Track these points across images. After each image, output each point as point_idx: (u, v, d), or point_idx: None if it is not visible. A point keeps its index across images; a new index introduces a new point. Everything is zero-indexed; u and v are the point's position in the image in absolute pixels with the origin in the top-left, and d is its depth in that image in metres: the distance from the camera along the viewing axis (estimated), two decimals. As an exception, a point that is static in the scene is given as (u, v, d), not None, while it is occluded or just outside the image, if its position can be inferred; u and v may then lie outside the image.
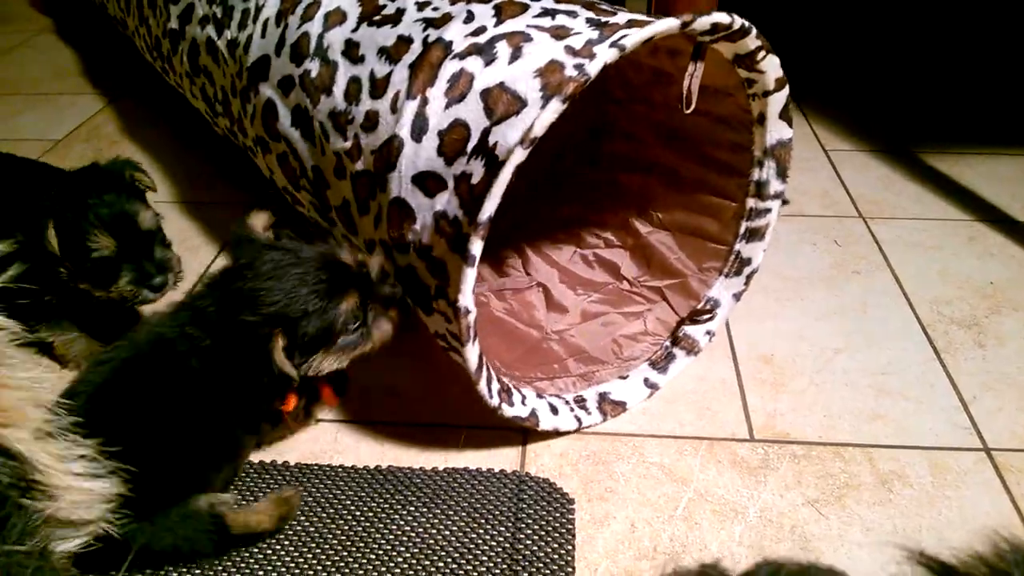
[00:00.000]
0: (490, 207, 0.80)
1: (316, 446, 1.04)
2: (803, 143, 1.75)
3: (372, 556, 0.89)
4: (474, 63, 0.86)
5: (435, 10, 0.95)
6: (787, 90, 1.00)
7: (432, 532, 0.92)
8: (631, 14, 0.88)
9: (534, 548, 0.89)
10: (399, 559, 0.89)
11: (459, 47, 0.88)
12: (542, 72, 0.82)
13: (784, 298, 1.29)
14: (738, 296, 1.16)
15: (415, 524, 0.93)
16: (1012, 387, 1.11)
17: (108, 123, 1.93)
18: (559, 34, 0.85)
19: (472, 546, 0.90)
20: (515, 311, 1.23)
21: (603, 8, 0.91)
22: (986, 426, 1.04)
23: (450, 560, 0.88)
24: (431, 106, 0.88)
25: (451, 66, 0.88)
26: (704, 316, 1.16)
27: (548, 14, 0.89)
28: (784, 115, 1.03)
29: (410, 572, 0.87)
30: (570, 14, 0.89)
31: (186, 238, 1.47)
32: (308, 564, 0.88)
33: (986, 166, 1.65)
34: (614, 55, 0.79)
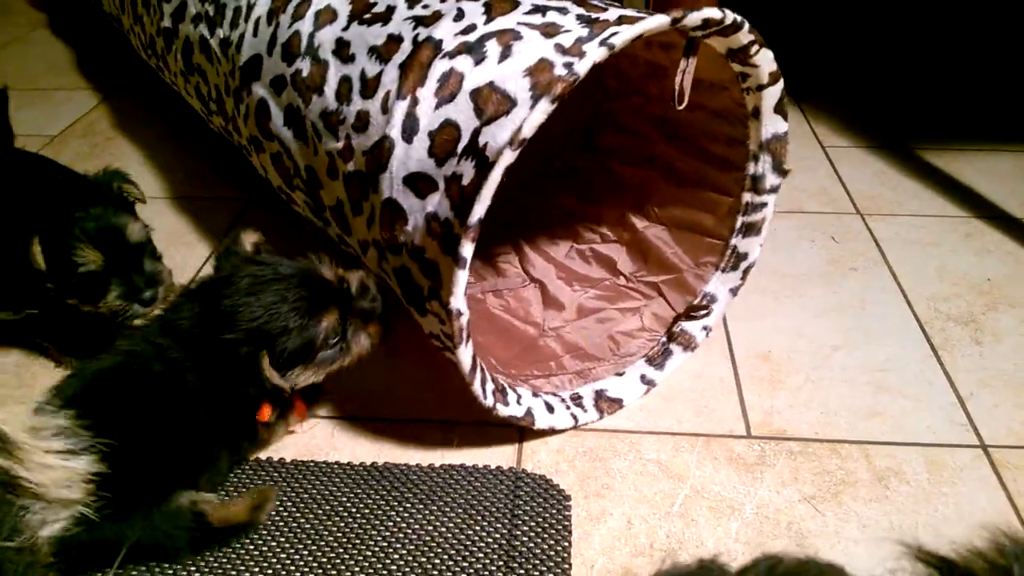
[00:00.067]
0: (480, 209, 0.79)
1: (312, 442, 1.04)
2: (801, 140, 1.75)
3: (368, 553, 0.89)
4: (464, 62, 0.86)
5: (425, 7, 0.94)
6: (782, 84, 1.00)
7: (428, 529, 0.91)
8: (623, 9, 0.88)
9: (530, 544, 0.89)
10: (395, 556, 0.88)
11: (449, 46, 0.87)
12: (532, 71, 0.81)
13: (782, 295, 1.29)
14: (735, 291, 1.16)
15: (411, 521, 0.92)
16: (1009, 384, 1.11)
17: (103, 119, 1.92)
18: (549, 32, 0.84)
19: (468, 543, 0.90)
20: (511, 308, 1.23)
21: (594, 4, 0.91)
22: (983, 422, 1.04)
23: (446, 557, 0.88)
24: (421, 106, 0.87)
25: (441, 65, 0.87)
26: (701, 312, 1.15)
27: (538, 11, 0.88)
28: (779, 109, 1.02)
29: (406, 569, 0.87)
30: (560, 11, 0.88)
31: (182, 234, 1.47)
32: (304, 561, 0.88)
33: (984, 162, 1.64)
34: (603, 54, 0.78)
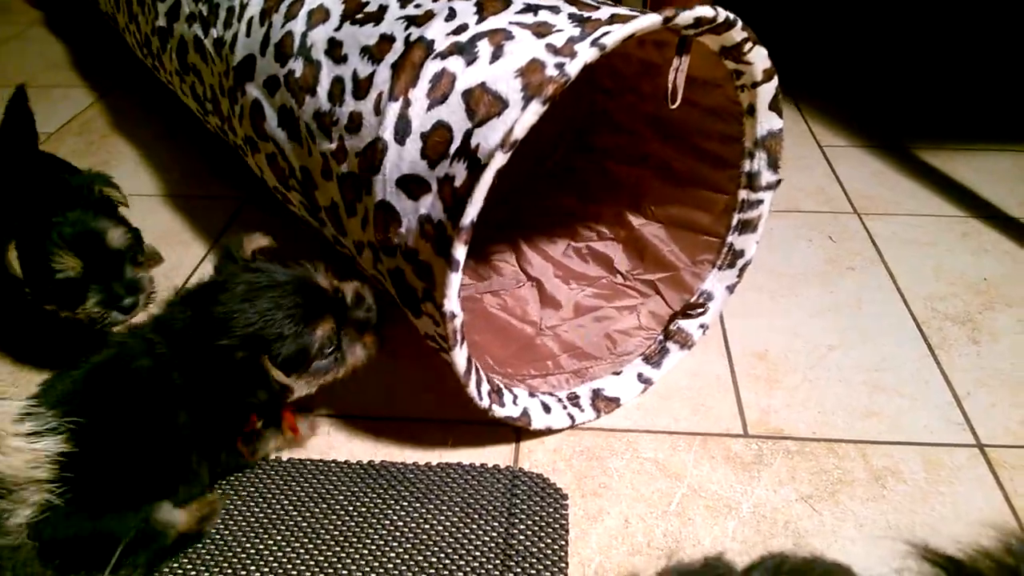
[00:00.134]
0: (472, 212, 0.79)
1: (309, 441, 1.04)
2: (798, 139, 1.75)
3: (365, 552, 0.89)
4: (456, 63, 0.85)
5: (417, 7, 0.93)
6: (776, 80, 0.99)
7: (425, 528, 0.91)
8: (615, 8, 0.87)
9: (527, 544, 0.89)
10: (392, 554, 0.88)
11: (441, 46, 0.87)
12: (523, 72, 0.81)
13: (778, 294, 1.29)
14: (731, 288, 1.16)
15: (408, 519, 0.92)
16: (1005, 383, 1.11)
17: (99, 117, 1.91)
18: (541, 31, 0.84)
19: (465, 541, 0.90)
20: (508, 307, 1.23)
21: (586, 3, 0.90)
22: (979, 422, 1.05)
23: (443, 556, 0.88)
24: (413, 108, 0.86)
25: (433, 66, 0.86)
26: (697, 310, 1.15)
27: (530, 10, 0.88)
28: (774, 106, 1.02)
29: (403, 567, 0.87)
30: (552, 9, 0.87)
31: (178, 232, 1.46)
32: (301, 560, 0.88)
33: (981, 162, 1.65)
34: (594, 54, 0.78)
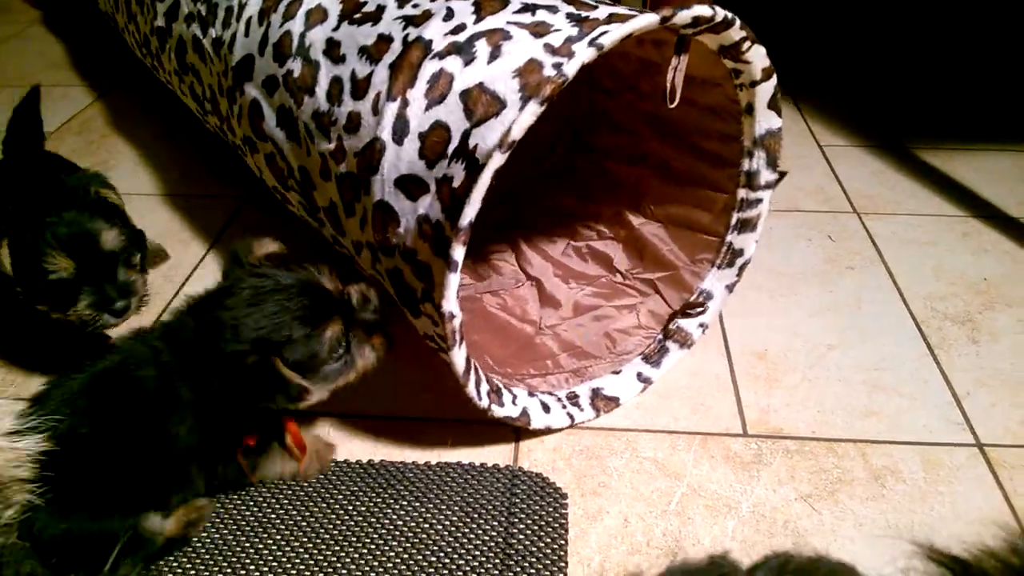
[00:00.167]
0: (470, 212, 0.78)
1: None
2: (798, 139, 1.75)
3: (364, 551, 0.89)
4: (454, 63, 0.85)
5: (415, 7, 0.93)
6: (775, 79, 0.99)
7: (424, 527, 0.91)
8: (613, 7, 0.87)
9: (527, 543, 0.89)
10: (391, 554, 0.88)
11: (439, 46, 0.87)
12: (521, 72, 0.81)
13: (778, 294, 1.29)
14: (731, 288, 1.16)
15: (407, 519, 0.92)
16: (1005, 383, 1.11)
17: (99, 116, 1.91)
18: (539, 31, 0.84)
19: (465, 541, 0.90)
20: (508, 306, 1.23)
21: (584, 2, 0.90)
22: (979, 422, 1.05)
23: (443, 555, 0.88)
24: (412, 108, 0.86)
25: (431, 66, 0.86)
26: (697, 309, 1.15)
27: (528, 9, 0.88)
28: (773, 105, 1.02)
29: (402, 567, 0.87)
30: (550, 9, 0.87)
31: (177, 231, 1.46)
32: (300, 559, 0.88)
33: (981, 162, 1.65)
34: (592, 54, 0.78)
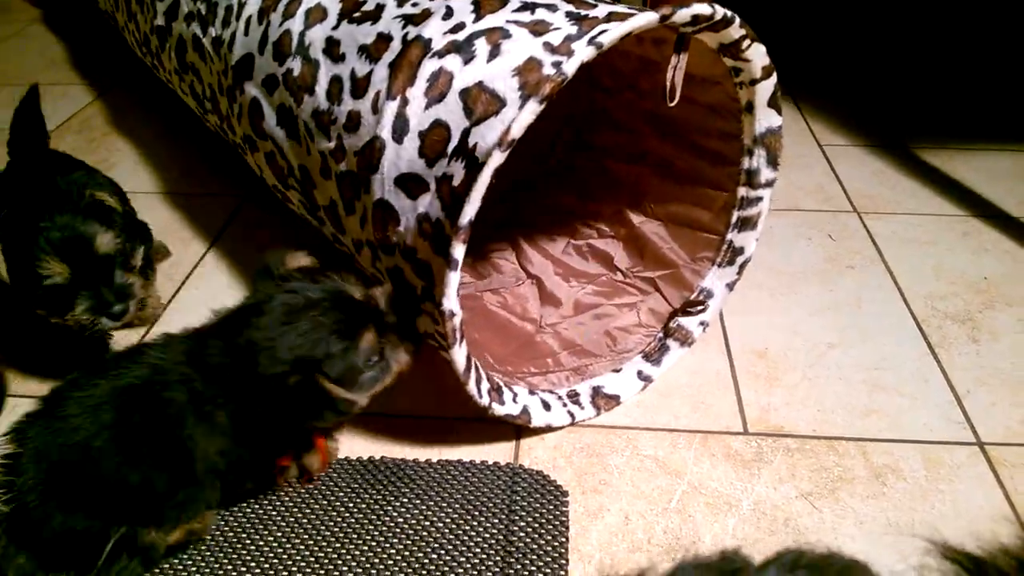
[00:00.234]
0: (470, 211, 0.79)
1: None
2: (798, 138, 1.75)
3: (365, 548, 0.89)
4: (453, 62, 0.85)
5: (415, 5, 0.93)
6: (775, 78, 0.99)
7: (425, 524, 0.91)
8: (613, 6, 0.87)
9: (527, 540, 0.89)
10: (392, 551, 0.88)
11: (438, 45, 0.87)
12: (520, 71, 0.81)
13: (778, 292, 1.29)
14: (731, 286, 1.16)
15: (408, 516, 0.92)
16: (1005, 382, 1.11)
17: (99, 115, 1.91)
18: (538, 30, 0.84)
19: (465, 538, 0.90)
20: (508, 305, 1.23)
21: (584, 0, 0.90)
22: (980, 420, 1.05)
23: (443, 552, 0.88)
24: (411, 106, 0.86)
25: (430, 65, 0.86)
26: (697, 307, 1.15)
27: (527, 8, 0.88)
28: (773, 103, 1.02)
29: (403, 563, 0.87)
30: (550, 7, 0.87)
31: (177, 229, 1.46)
32: (301, 555, 0.88)
33: (981, 162, 1.65)
34: (591, 53, 0.78)
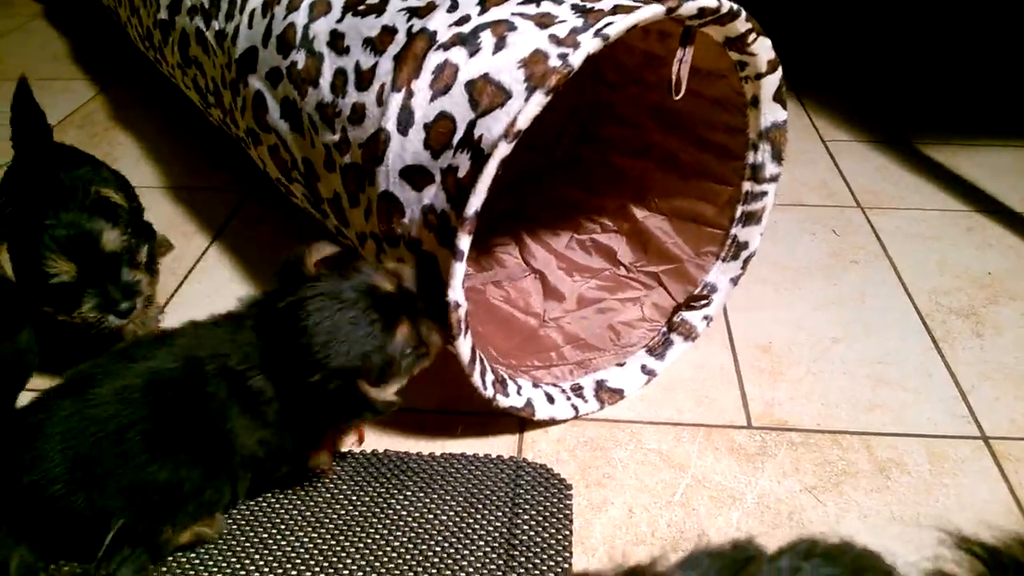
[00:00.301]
0: (476, 202, 0.79)
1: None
2: (801, 133, 1.75)
3: (368, 541, 0.88)
4: (458, 54, 0.85)
5: None
6: (780, 72, 0.99)
7: (429, 517, 0.91)
8: None
9: (531, 533, 0.89)
10: (395, 544, 0.88)
11: (443, 37, 0.87)
12: (526, 63, 0.81)
13: (782, 287, 1.29)
14: (735, 280, 1.16)
15: (412, 509, 0.92)
16: (1010, 376, 1.11)
17: (101, 110, 1.91)
18: (544, 22, 0.84)
19: (469, 531, 0.89)
20: (511, 299, 1.23)
21: None
22: (984, 415, 1.04)
23: (447, 545, 0.88)
24: (416, 99, 0.86)
25: (435, 57, 0.86)
26: (701, 301, 1.15)
27: (533, 0, 0.88)
28: (778, 97, 1.02)
29: (407, 556, 0.87)
30: (555, 0, 0.87)
31: (180, 224, 1.46)
32: (304, 548, 0.88)
33: (985, 157, 1.65)
34: (598, 45, 0.78)
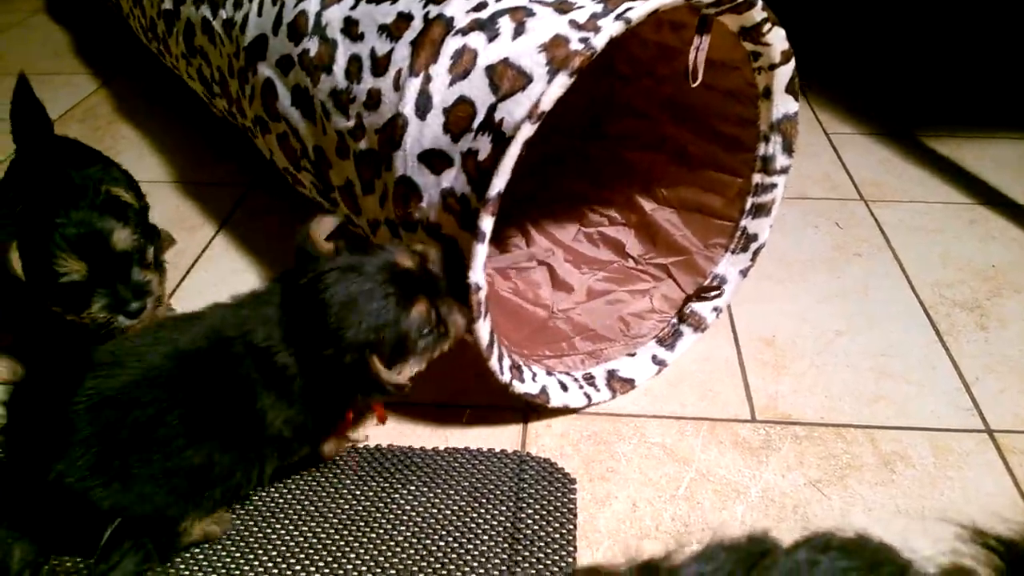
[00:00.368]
0: (499, 183, 0.79)
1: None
2: (805, 126, 1.74)
3: (373, 535, 0.89)
4: (477, 39, 0.85)
5: None
6: (793, 63, 0.99)
7: (433, 512, 0.91)
8: None
9: (535, 528, 0.89)
10: (399, 538, 0.88)
11: (461, 23, 0.87)
12: (547, 47, 0.81)
13: (786, 280, 1.29)
14: (745, 272, 1.16)
15: (416, 504, 0.92)
16: (1014, 369, 1.10)
17: (103, 103, 1.91)
18: (562, 8, 0.84)
19: (473, 526, 0.90)
20: (520, 291, 1.22)
21: None
22: (988, 407, 1.04)
23: (451, 539, 0.88)
24: (435, 83, 0.87)
25: (454, 43, 0.87)
26: (712, 292, 1.15)
27: None
28: (790, 89, 1.02)
29: (411, 551, 0.87)
30: None
31: (184, 218, 1.46)
32: (308, 542, 0.88)
33: (988, 150, 1.64)
34: (620, 28, 0.78)
